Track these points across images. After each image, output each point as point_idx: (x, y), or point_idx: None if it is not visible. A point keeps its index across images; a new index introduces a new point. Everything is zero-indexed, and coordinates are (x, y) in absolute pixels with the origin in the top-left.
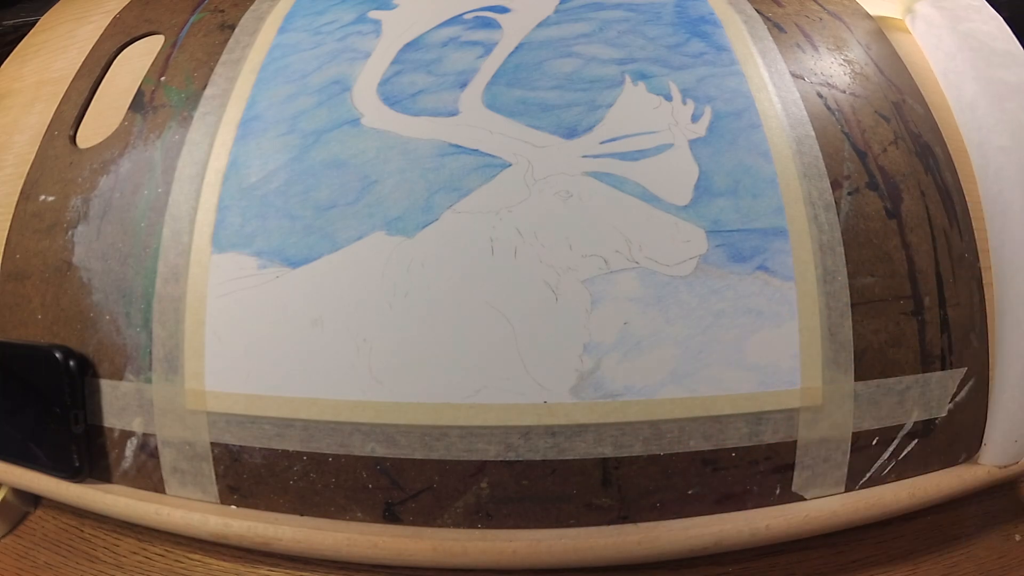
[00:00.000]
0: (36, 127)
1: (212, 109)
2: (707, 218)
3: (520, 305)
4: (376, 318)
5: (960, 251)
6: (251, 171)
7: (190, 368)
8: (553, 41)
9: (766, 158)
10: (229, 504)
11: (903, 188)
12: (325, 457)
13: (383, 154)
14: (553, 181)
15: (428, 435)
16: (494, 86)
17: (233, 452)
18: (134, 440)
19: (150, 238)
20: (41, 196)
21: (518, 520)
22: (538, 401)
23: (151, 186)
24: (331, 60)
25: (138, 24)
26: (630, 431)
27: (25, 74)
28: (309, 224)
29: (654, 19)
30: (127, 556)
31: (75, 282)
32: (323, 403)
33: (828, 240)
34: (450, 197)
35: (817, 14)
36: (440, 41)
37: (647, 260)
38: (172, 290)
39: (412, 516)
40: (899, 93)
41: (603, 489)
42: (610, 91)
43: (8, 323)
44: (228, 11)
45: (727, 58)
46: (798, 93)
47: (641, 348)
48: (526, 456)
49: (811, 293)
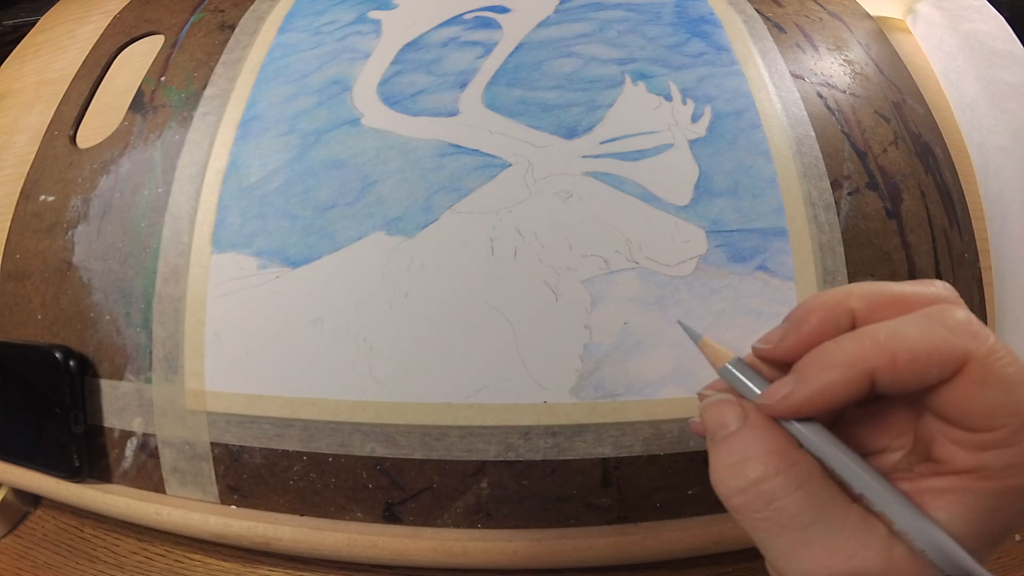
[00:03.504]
0: (36, 127)
1: (212, 109)
2: (707, 218)
3: (520, 305)
4: (376, 318)
5: (960, 251)
6: (251, 171)
7: (190, 368)
8: (553, 41)
9: (766, 158)
10: (229, 504)
11: (903, 188)
12: (325, 457)
13: (383, 154)
14: (553, 181)
15: (428, 435)
16: (494, 86)
17: (233, 452)
18: (134, 440)
19: (150, 238)
20: (41, 196)
21: (518, 520)
22: (538, 401)
23: (151, 186)
24: (331, 60)
25: (138, 24)
26: (630, 431)
27: (25, 74)
28: (309, 224)
29: (654, 19)
30: (127, 556)
31: (75, 282)
32: (323, 403)
33: (828, 240)
34: (450, 197)
35: (817, 14)
36: (440, 41)
37: (647, 260)
38: (172, 290)
39: (412, 516)
40: (899, 93)
41: (603, 489)
42: (610, 91)
43: (8, 323)
44: (228, 11)
45: (727, 58)
46: (798, 93)
47: (641, 348)
48: (526, 456)
49: (811, 293)
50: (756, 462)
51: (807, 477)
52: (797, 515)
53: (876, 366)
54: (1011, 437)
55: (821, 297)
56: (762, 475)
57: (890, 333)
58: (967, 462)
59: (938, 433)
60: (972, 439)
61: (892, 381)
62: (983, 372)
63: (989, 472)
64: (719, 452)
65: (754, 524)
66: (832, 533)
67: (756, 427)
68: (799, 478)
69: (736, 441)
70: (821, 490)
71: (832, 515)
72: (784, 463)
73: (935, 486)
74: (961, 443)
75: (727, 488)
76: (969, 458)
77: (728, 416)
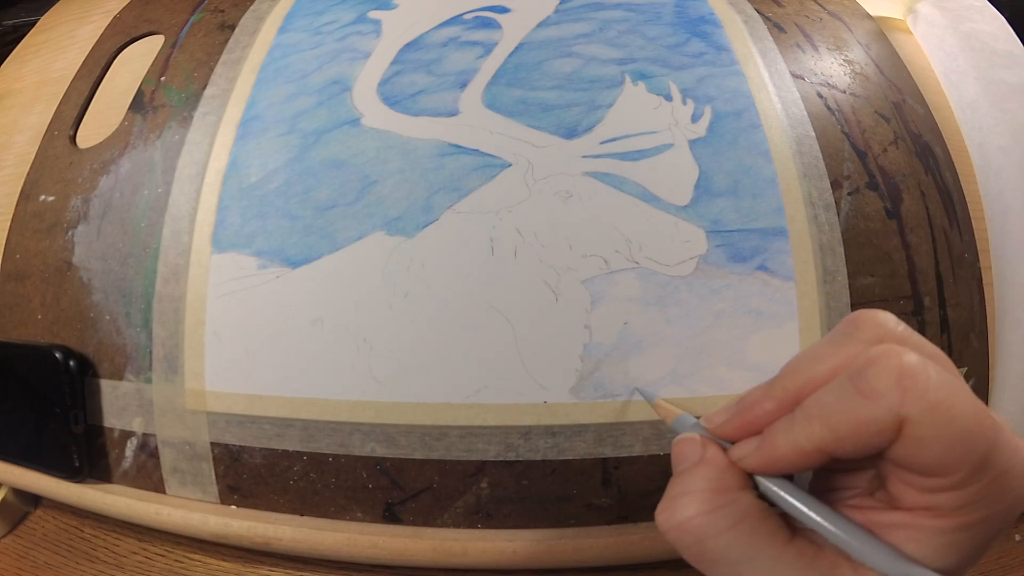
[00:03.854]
0: (36, 127)
1: (212, 109)
2: (707, 218)
3: (520, 305)
4: (376, 318)
5: (960, 251)
6: (251, 171)
7: (190, 368)
8: (553, 41)
9: (766, 158)
10: (229, 504)
11: (903, 188)
12: (325, 457)
13: (383, 154)
14: (553, 181)
15: (428, 435)
16: (494, 86)
17: (233, 452)
18: (134, 440)
19: (150, 238)
20: (41, 196)
21: (518, 520)
22: (538, 401)
23: (151, 186)
24: (331, 60)
25: (138, 24)
26: (630, 431)
27: (25, 74)
28: (309, 224)
29: (654, 19)
30: (127, 556)
31: (75, 282)
32: (323, 403)
33: (828, 240)
34: (450, 197)
35: (817, 14)
36: (440, 41)
37: (647, 260)
38: (172, 290)
39: (412, 516)
40: (899, 93)
41: (603, 489)
42: (610, 91)
43: (8, 323)
44: (228, 11)
45: (727, 58)
46: (798, 93)
47: (641, 348)
48: (526, 456)
49: (811, 293)
50: (691, 498)
51: (742, 516)
52: (726, 552)
53: (823, 445)
54: (962, 481)
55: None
56: (694, 512)
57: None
58: (918, 501)
59: (890, 473)
60: (922, 483)
61: (844, 452)
62: (919, 432)
63: (940, 512)
64: (668, 485)
65: (688, 556)
66: (765, 570)
67: (708, 464)
68: (732, 517)
69: (684, 476)
70: (758, 528)
71: (766, 553)
72: (720, 501)
73: (887, 520)
74: (911, 484)
75: (661, 521)
76: (920, 498)
77: (687, 451)
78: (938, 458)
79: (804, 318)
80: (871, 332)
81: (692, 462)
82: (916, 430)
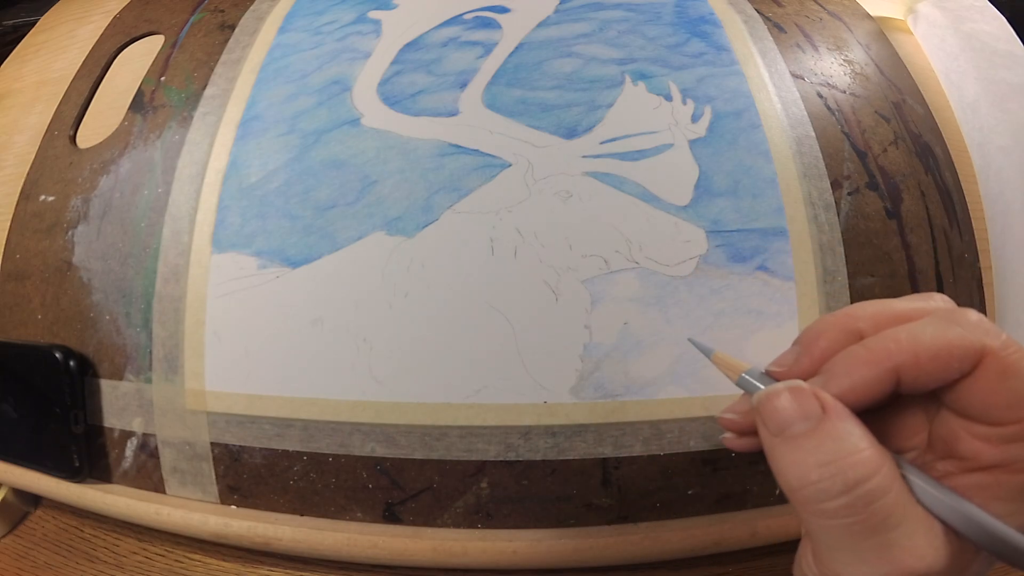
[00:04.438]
0: (36, 127)
1: (212, 109)
2: (707, 218)
3: (520, 305)
4: (376, 318)
5: (960, 251)
6: (251, 171)
7: (190, 368)
8: (553, 41)
9: (766, 158)
10: (229, 504)
11: (903, 188)
12: (325, 457)
13: (383, 154)
14: (553, 181)
15: (428, 435)
16: (494, 86)
17: (233, 452)
18: (134, 440)
19: (150, 238)
20: (41, 196)
21: (518, 520)
22: (538, 401)
23: (151, 186)
24: (331, 60)
25: (138, 24)
26: (630, 431)
27: (25, 74)
28: (309, 224)
29: (654, 19)
30: (127, 556)
31: (75, 282)
32: (323, 403)
33: (828, 240)
34: (450, 197)
35: (817, 14)
36: (440, 41)
37: (647, 260)
38: (172, 290)
39: (412, 516)
40: (899, 93)
41: (603, 489)
42: (610, 91)
43: (8, 323)
44: (228, 11)
45: (727, 58)
46: (798, 93)
47: (641, 348)
48: (526, 456)
49: (811, 293)
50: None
51: (896, 475)
52: (889, 516)
53: (901, 363)
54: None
55: (828, 319)
56: (864, 475)
57: (909, 334)
58: (995, 457)
59: (961, 430)
60: (997, 433)
61: (916, 378)
62: (1001, 364)
63: (1019, 465)
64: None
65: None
66: (909, 534)
67: (844, 419)
68: (891, 476)
69: (824, 437)
70: (904, 489)
71: (912, 515)
72: (880, 459)
73: (966, 483)
74: (987, 438)
75: (820, 492)
76: (996, 453)
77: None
78: (1014, 396)
79: (804, 318)
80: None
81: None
82: (996, 362)
